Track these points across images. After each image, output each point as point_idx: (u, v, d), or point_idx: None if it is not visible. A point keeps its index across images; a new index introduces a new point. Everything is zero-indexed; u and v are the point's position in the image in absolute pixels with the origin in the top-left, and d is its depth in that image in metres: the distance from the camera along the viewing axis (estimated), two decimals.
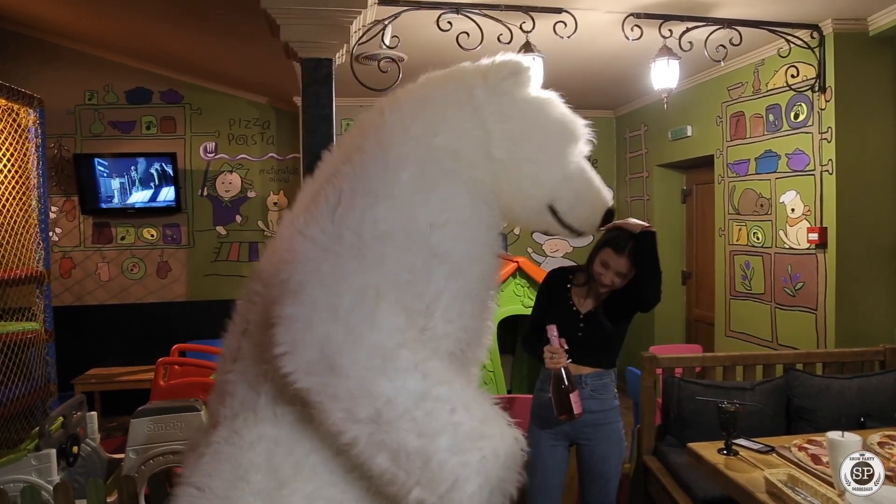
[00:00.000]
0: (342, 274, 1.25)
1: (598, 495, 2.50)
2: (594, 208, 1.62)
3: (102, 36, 5.29)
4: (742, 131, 4.50)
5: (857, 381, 3.10)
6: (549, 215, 1.57)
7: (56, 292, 5.19)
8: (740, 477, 2.14)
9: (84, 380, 5.32)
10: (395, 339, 1.21)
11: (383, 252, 1.29)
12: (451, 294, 1.36)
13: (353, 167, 1.41)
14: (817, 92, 3.73)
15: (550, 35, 3.40)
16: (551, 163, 1.53)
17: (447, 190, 1.39)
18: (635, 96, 5.79)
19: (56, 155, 5.62)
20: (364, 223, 1.31)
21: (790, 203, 4.03)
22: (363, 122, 1.55)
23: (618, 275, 2.36)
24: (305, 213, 1.39)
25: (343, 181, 1.39)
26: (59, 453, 3.05)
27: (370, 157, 1.40)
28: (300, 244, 1.31)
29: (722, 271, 4.80)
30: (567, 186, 1.55)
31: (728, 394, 2.99)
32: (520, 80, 1.53)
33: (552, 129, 1.55)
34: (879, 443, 2.33)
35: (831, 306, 3.71)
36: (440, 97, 1.50)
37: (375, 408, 1.17)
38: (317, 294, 1.22)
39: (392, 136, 1.43)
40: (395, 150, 1.40)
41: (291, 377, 1.21)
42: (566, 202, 1.56)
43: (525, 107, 1.53)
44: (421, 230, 1.34)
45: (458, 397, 1.22)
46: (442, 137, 1.43)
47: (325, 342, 1.18)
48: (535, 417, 2.56)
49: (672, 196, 5.82)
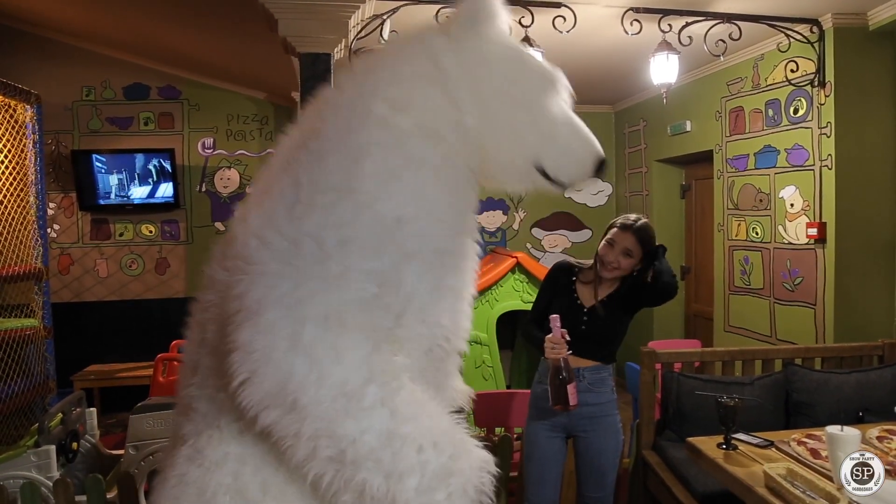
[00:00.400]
0: (303, 297, 1.13)
1: (596, 488, 2.51)
2: (585, 159, 1.44)
3: (99, 31, 5.27)
4: (741, 126, 4.50)
5: (856, 375, 3.11)
6: (538, 176, 1.42)
7: (54, 289, 5.19)
8: (739, 471, 2.15)
9: (83, 376, 5.31)
10: (361, 375, 1.13)
11: (347, 264, 1.17)
12: (423, 293, 1.25)
13: (310, 155, 1.27)
14: (817, 87, 3.73)
15: (549, 29, 3.40)
16: (532, 120, 1.37)
17: (414, 178, 1.26)
18: (634, 91, 5.78)
19: (54, 151, 5.61)
20: (325, 227, 1.19)
21: (789, 198, 4.03)
22: (321, 100, 1.42)
23: (623, 253, 2.39)
24: (260, 209, 1.27)
25: (300, 172, 1.26)
26: (58, 450, 3.06)
27: (329, 144, 1.27)
28: (256, 251, 1.19)
29: (721, 266, 4.81)
30: (553, 142, 1.40)
31: (727, 388, 2.99)
32: (480, 25, 1.36)
33: (527, 83, 1.38)
34: (878, 437, 2.33)
35: (830, 301, 3.71)
36: (402, 67, 1.34)
37: (340, 448, 1.11)
38: (276, 320, 1.11)
39: (351, 119, 1.29)
40: (354, 136, 1.27)
41: (250, 410, 1.13)
42: (554, 159, 1.40)
43: (493, 62, 1.36)
44: (387, 227, 1.22)
45: (426, 434, 1.16)
46: (406, 115, 1.29)
47: (286, 377, 1.10)
48: (533, 409, 2.58)
49: (671, 191, 5.82)
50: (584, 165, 1.45)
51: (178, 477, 1.27)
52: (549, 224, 6.42)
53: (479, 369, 4.71)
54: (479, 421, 3.51)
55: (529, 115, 1.37)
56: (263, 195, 1.30)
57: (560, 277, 2.58)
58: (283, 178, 1.28)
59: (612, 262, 2.41)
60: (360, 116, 1.29)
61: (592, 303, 2.48)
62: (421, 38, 1.39)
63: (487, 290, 4.73)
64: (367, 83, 1.34)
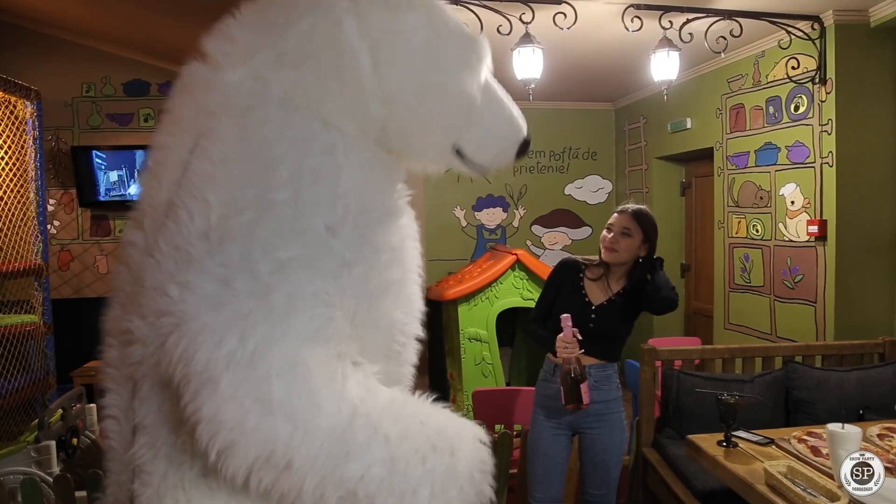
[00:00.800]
0: (257, 350, 0.99)
1: (600, 485, 2.51)
2: (507, 142, 1.31)
3: (99, 28, 5.26)
4: (742, 123, 4.49)
5: (857, 373, 3.11)
6: (455, 158, 1.29)
7: (54, 285, 5.19)
8: (740, 468, 2.15)
9: (83, 372, 5.31)
10: (345, 413, 1.04)
11: (290, 291, 1.04)
12: (370, 300, 1.16)
13: (211, 164, 1.09)
14: (818, 84, 3.72)
15: (550, 26, 3.39)
16: (449, 104, 1.22)
17: (333, 173, 1.13)
18: (635, 88, 5.77)
19: (54, 147, 5.60)
20: (254, 255, 1.04)
21: (790, 195, 4.03)
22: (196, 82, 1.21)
23: (622, 233, 2.40)
24: (166, 242, 1.09)
25: (204, 187, 1.08)
26: (58, 445, 3.06)
27: (230, 148, 1.10)
28: (182, 302, 1.02)
29: (721, 264, 4.80)
30: (473, 126, 1.25)
31: (727, 386, 2.99)
32: None
33: (444, 57, 1.21)
34: (879, 435, 2.34)
35: (830, 299, 3.71)
36: (300, 39, 1.14)
37: (349, 489, 1.05)
38: (236, 386, 0.98)
39: (250, 110, 1.12)
40: (258, 133, 1.10)
41: (238, 478, 1.02)
42: (473, 143, 1.27)
43: (403, 33, 1.18)
44: (320, 239, 1.09)
45: (422, 443, 1.12)
46: (307, 98, 1.14)
47: (271, 442, 0.99)
48: (540, 408, 2.56)
49: (671, 188, 5.82)
50: (505, 148, 1.32)
51: None
52: (549, 221, 6.42)
53: (478, 366, 4.71)
54: (479, 418, 3.51)
55: (444, 94, 1.21)
56: (164, 221, 1.12)
57: (567, 274, 2.56)
58: (185, 196, 1.09)
59: (612, 247, 2.43)
60: (259, 105, 1.12)
61: (601, 301, 2.48)
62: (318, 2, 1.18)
63: (487, 287, 4.74)
64: (255, 60, 1.15)
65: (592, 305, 2.47)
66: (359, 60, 1.14)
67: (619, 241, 2.41)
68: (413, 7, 1.20)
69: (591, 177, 6.43)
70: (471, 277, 4.85)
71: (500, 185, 6.30)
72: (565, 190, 6.41)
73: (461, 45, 1.24)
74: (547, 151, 6.30)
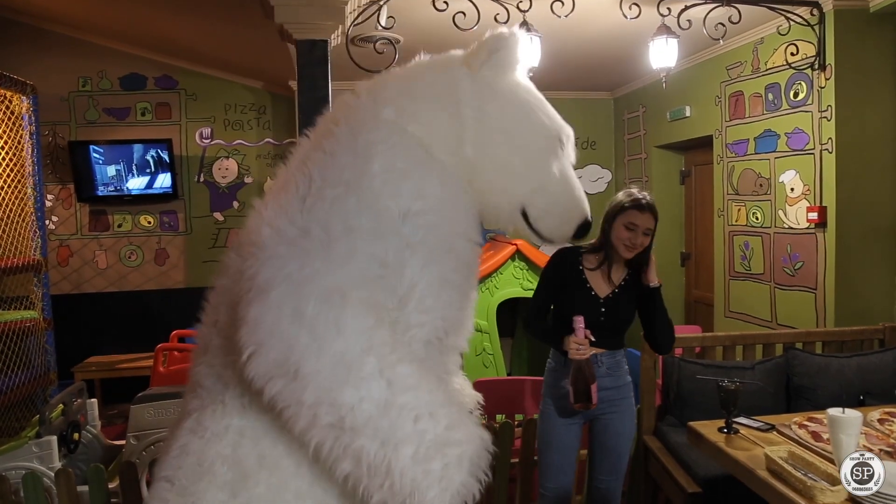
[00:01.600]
0: (308, 275, 1.19)
1: (609, 471, 2.51)
2: (569, 219, 1.50)
3: (95, 21, 5.24)
4: (741, 111, 4.48)
5: (857, 359, 3.10)
6: (521, 219, 1.48)
7: (54, 281, 5.18)
8: (741, 455, 2.15)
9: (84, 367, 5.32)
10: (360, 345, 1.17)
11: (352, 248, 1.24)
12: (425, 284, 1.30)
13: (323, 153, 1.34)
14: (817, 70, 3.71)
15: (548, 14, 3.37)
16: (528, 169, 1.44)
17: (420, 177, 1.32)
18: (633, 77, 5.75)
19: (51, 142, 5.59)
20: (332, 216, 1.25)
21: (789, 182, 4.01)
22: (338, 104, 1.47)
23: (645, 233, 2.36)
24: (274, 202, 1.33)
25: (313, 168, 1.33)
26: (59, 440, 3.06)
27: (340, 143, 1.34)
28: (268, 237, 1.25)
29: (721, 252, 4.80)
30: (542, 194, 1.45)
31: (728, 373, 2.99)
32: (501, 59, 1.41)
33: (532, 133, 1.45)
34: (879, 420, 2.34)
35: (831, 285, 3.70)
36: (421, 84, 1.42)
37: (339, 415, 1.15)
38: (282, 297, 1.17)
39: (364, 121, 1.36)
40: (364, 136, 1.33)
41: (256, 382, 1.18)
42: (539, 209, 1.46)
43: (506, 103, 1.43)
44: (392, 221, 1.28)
45: (423, 405, 1.20)
46: (415, 126, 1.36)
47: (289, 348, 1.15)
48: (552, 400, 2.52)
49: (671, 177, 5.80)
50: (567, 224, 1.50)
51: (180, 447, 1.32)
52: None
53: (479, 357, 4.71)
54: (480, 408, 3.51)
55: (527, 164, 1.43)
56: (279, 191, 1.36)
57: (567, 267, 2.50)
58: (297, 175, 1.35)
59: (637, 246, 2.37)
60: (371, 119, 1.36)
61: (607, 293, 2.45)
62: (444, 63, 1.46)
63: (487, 277, 4.73)
64: (383, 92, 1.41)
65: (600, 298, 2.44)
66: (463, 109, 1.38)
67: (643, 241, 2.36)
68: (519, 85, 1.46)
69: (591, 166, 6.42)
70: None
71: None
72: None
73: (552, 129, 1.48)
74: None
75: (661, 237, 2.41)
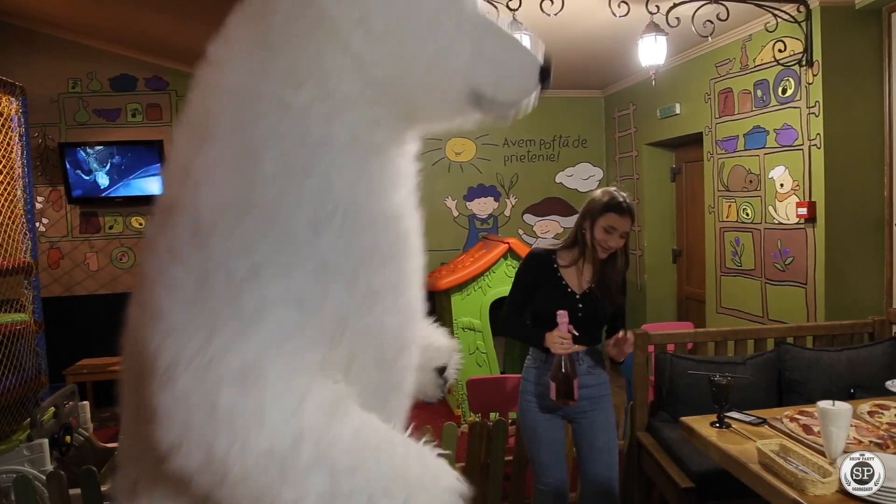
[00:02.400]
0: (216, 354, 0.98)
1: (605, 468, 2.51)
2: (525, 70, 1.18)
3: (85, 22, 5.21)
4: (730, 108, 4.50)
5: (847, 353, 3.13)
6: (476, 105, 1.17)
7: (44, 283, 5.15)
8: (733, 449, 2.16)
9: (75, 370, 5.29)
10: (289, 434, 0.98)
11: (262, 295, 1.00)
12: (356, 307, 1.09)
13: (205, 162, 1.07)
14: (804, 66, 3.73)
15: (537, 12, 3.38)
16: (448, 41, 1.10)
17: (324, 169, 1.07)
18: (623, 75, 5.77)
19: (40, 144, 5.55)
20: (232, 253, 1.01)
21: (779, 178, 4.04)
22: (203, 85, 1.17)
23: (622, 236, 2.42)
24: (166, 235, 1.08)
25: (198, 185, 1.06)
26: (51, 443, 3.05)
27: (221, 147, 1.07)
28: (163, 299, 1.02)
29: (712, 248, 4.82)
30: (481, 59, 1.13)
31: (720, 368, 3.00)
32: None
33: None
34: (869, 412, 2.35)
35: (821, 280, 3.73)
36: (281, 24, 1.10)
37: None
38: (190, 387, 0.97)
39: (240, 108, 1.08)
40: (247, 130, 1.06)
41: (183, 477, 1.01)
42: (489, 78, 1.14)
43: None
44: (301, 241, 1.04)
45: (375, 481, 1.03)
46: (303, 90, 1.08)
47: (209, 451, 0.97)
48: (533, 397, 2.54)
49: (661, 174, 5.82)
50: (526, 76, 1.18)
51: None
52: (541, 209, 6.42)
53: (472, 356, 4.72)
54: (474, 406, 3.52)
55: (443, 35, 1.10)
56: (167, 214, 1.11)
57: (541, 267, 2.53)
58: (183, 193, 1.08)
59: (613, 247, 2.44)
60: (250, 102, 1.08)
61: (583, 288, 2.49)
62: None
63: (480, 276, 4.74)
64: (249, 58, 1.12)
65: (577, 294, 2.48)
66: (343, 30, 1.07)
67: (617, 242, 2.43)
68: None
69: (582, 164, 6.44)
70: (463, 267, 4.85)
71: (492, 174, 6.30)
72: (556, 178, 6.42)
73: None
74: (537, 140, 6.30)
75: (652, 234, 2.43)
